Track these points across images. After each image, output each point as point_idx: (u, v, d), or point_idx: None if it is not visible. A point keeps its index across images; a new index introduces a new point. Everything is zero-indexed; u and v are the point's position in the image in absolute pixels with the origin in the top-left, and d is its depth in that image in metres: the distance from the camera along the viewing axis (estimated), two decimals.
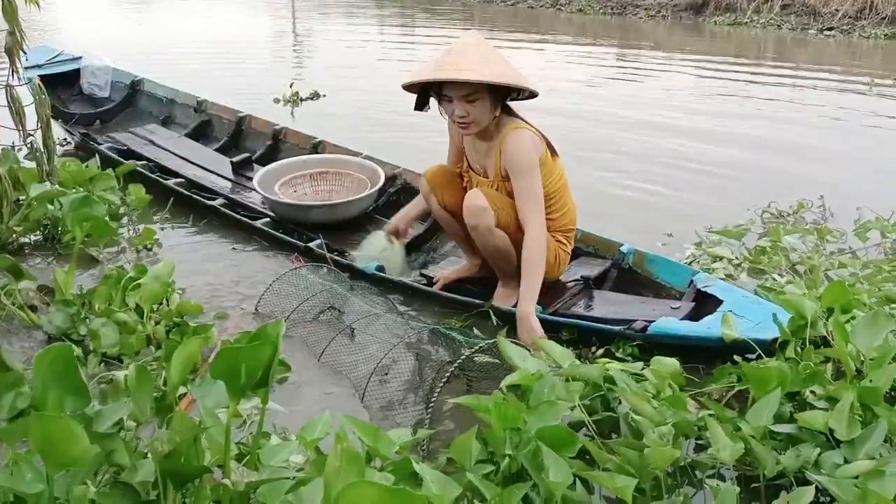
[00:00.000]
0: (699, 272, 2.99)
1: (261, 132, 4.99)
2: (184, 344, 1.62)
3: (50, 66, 5.82)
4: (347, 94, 7.29)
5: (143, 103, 5.83)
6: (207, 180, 4.48)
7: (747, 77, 8.26)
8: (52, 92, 5.50)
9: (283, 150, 4.78)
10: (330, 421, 1.86)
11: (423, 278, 3.31)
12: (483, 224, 2.83)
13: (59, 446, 1.41)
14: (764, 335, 2.40)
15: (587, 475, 1.78)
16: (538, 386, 2.04)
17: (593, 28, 13.14)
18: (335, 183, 4.19)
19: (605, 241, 3.29)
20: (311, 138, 4.68)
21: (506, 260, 2.94)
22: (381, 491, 1.24)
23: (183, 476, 1.55)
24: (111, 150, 4.66)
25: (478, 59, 2.68)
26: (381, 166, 4.09)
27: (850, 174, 4.95)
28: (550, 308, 2.92)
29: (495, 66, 2.69)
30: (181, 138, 5.16)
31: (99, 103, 5.83)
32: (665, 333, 2.57)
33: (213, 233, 3.91)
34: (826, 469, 1.81)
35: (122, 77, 5.92)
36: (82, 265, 3.41)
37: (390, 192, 4.11)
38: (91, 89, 5.87)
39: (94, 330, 2.58)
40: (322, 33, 12.60)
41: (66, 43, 7.27)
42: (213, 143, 5.15)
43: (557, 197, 2.95)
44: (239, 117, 5.15)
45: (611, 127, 5.97)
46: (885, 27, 11.23)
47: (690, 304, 2.83)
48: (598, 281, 3.14)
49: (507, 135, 2.82)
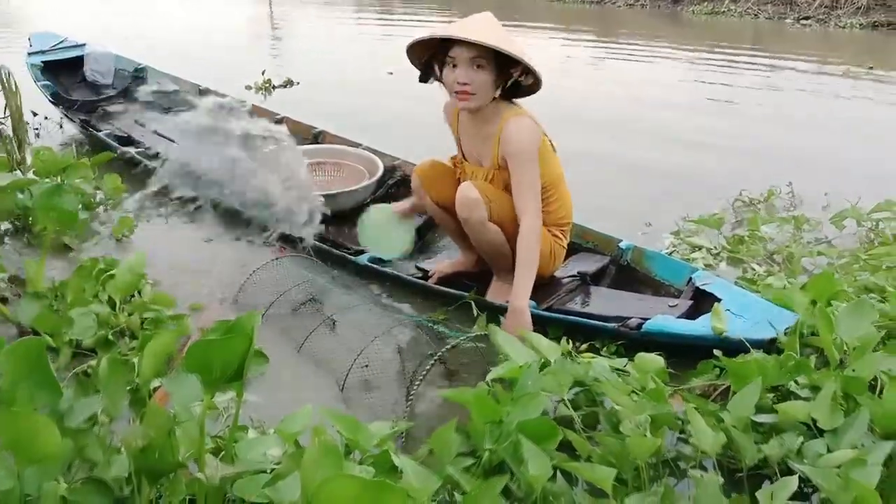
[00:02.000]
0: (698, 270, 2.93)
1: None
2: (156, 336, 1.59)
3: (54, 52, 5.84)
4: (322, 83, 7.20)
5: (145, 91, 5.75)
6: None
7: (723, 66, 8.32)
8: (56, 78, 5.57)
9: None
10: (309, 414, 1.83)
11: (418, 271, 3.27)
12: (475, 217, 2.77)
13: (29, 442, 1.37)
14: (762, 335, 2.36)
15: (567, 467, 1.77)
16: (524, 378, 2.02)
17: (571, 17, 13.15)
18: (333, 173, 4.16)
19: (604, 237, 3.24)
20: (312, 128, 4.65)
21: (500, 254, 2.89)
22: (359, 485, 1.21)
23: (157, 471, 1.52)
24: (110, 137, 4.65)
25: (489, 28, 2.63)
26: (380, 158, 4.05)
27: (818, 161, 5.01)
28: (545, 304, 2.86)
29: (505, 40, 2.61)
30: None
31: (101, 90, 5.81)
32: (660, 331, 2.52)
33: (196, 222, 3.84)
34: (809, 458, 1.81)
35: (126, 65, 5.91)
36: (57, 255, 3.35)
37: (389, 183, 4.06)
38: (94, 76, 5.85)
39: (66, 322, 2.52)
40: (300, 19, 12.52)
41: (34, 30, 7.13)
42: None
43: (553, 189, 2.88)
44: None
45: (582, 116, 5.96)
46: (860, 17, 11.34)
47: (688, 302, 2.78)
48: (595, 277, 3.09)
49: (506, 121, 2.74)
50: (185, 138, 2.65)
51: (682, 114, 6.22)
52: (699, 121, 5.99)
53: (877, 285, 2.79)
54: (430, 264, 3.31)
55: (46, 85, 5.40)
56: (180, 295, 2.99)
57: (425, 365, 2.37)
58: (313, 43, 9.85)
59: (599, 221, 3.35)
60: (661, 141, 5.43)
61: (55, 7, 13.14)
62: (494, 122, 2.79)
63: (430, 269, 3.23)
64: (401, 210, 3.26)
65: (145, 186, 3.99)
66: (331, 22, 12.07)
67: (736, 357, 2.22)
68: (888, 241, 3.41)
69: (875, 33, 10.78)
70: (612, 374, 2.14)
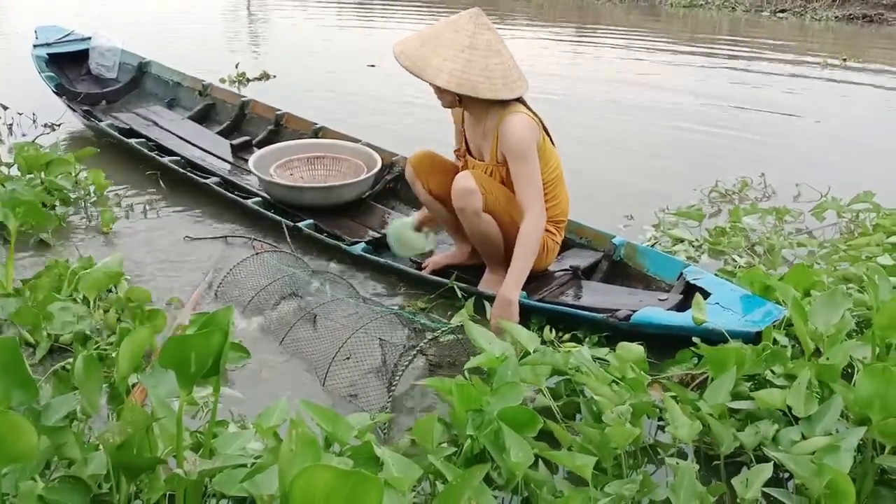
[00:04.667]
0: (690, 265, 2.96)
1: (263, 116, 4.99)
2: (132, 333, 1.58)
3: (59, 44, 5.86)
4: (298, 76, 7.12)
5: (149, 85, 5.82)
6: (206, 161, 4.48)
7: (699, 59, 8.37)
8: (61, 71, 5.62)
9: (284, 134, 4.76)
10: (287, 407, 1.83)
11: (412, 263, 3.29)
12: (470, 207, 2.79)
13: (5, 441, 1.36)
14: (749, 328, 2.38)
15: (548, 455, 1.78)
16: (502, 368, 2.03)
17: (550, 10, 13.16)
18: (332, 168, 4.17)
19: (598, 233, 3.26)
20: (312, 124, 4.65)
21: (493, 245, 2.91)
22: (335, 474, 1.21)
23: (135, 468, 1.51)
24: (112, 128, 4.69)
25: (451, 54, 2.69)
26: (379, 153, 4.06)
27: (791, 151, 5.06)
28: (536, 296, 2.88)
29: (469, 63, 2.68)
30: (184, 120, 5.18)
31: (106, 83, 5.82)
32: (648, 322, 2.54)
33: (177, 218, 3.84)
34: (784, 445, 1.83)
35: (130, 58, 5.92)
36: (35, 252, 3.35)
37: (387, 178, 4.06)
38: (99, 70, 5.86)
39: (41, 319, 2.51)
40: (277, 10, 12.39)
41: (10, 15, 7.06)
42: (215, 126, 5.16)
43: (552, 186, 2.90)
44: (242, 101, 5.15)
45: (558, 106, 5.94)
46: (835, 9, 11.44)
47: (678, 296, 2.80)
48: (588, 272, 3.12)
49: (504, 118, 2.76)
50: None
51: (656, 107, 6.24)
52: (672, 114, 6.02)
53: (855, 275, 2.82)
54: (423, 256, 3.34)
55: (50, 76, 5.42)
56: (158, 289, 2.99)
57: (406, 357, 2.37)
58: (291, 35, 9.76)
59: (578, 213, 3.36)
60: (633, 135, 5.45)
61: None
62: (494, 117, 2.82)
63: (423, 260, 3.26)
64: (419, 219, 3.29)
65: (140, 178, 4.02)
66: (310, 12, 11.98)
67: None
68: (867, 232, 3.45)
69: (849, 26, 10.88)
70: (592, 363, 2.15)
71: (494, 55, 2.72)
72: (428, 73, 2.70)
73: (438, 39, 2.72)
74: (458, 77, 2.67)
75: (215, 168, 4.36)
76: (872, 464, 1.80)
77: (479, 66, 2.68)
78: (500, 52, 2.74)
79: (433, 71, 2.69)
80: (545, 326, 2.69)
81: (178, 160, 4.31)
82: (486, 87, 2.69)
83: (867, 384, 1.75)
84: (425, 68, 2.70)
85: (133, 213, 3.85)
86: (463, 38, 2.70)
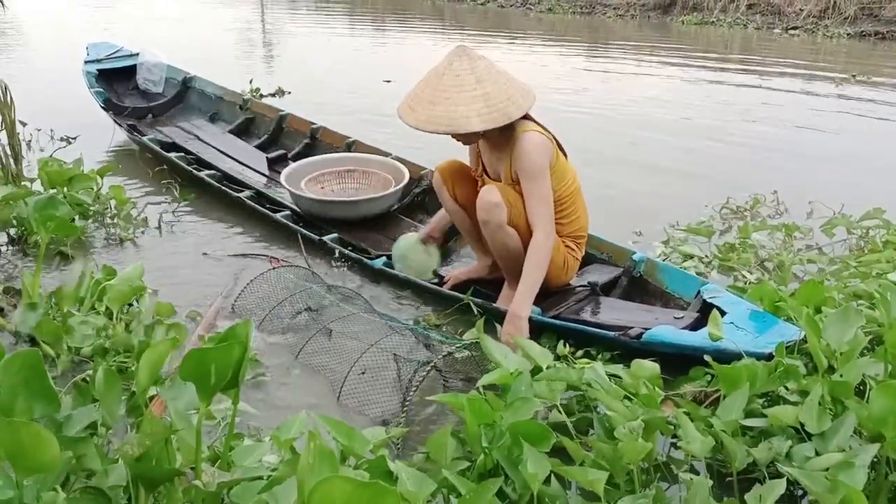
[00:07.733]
0: (708, 283, 2.94)
1: (299, 130, 5.07)
2: (152, 346, 1.60)
3: (109, 60, 6.06)
4: (313, 93, 7.16)
5: (193, 99, 5.95)
6: (243, 174, 4.57)
7: (711, 74, 8.37)
8: (110, 86, 5.81)
9: (318, 147, 4.84)
10: (305, 421, 1.85)
11: (434, 276, 3.32)
12: (495, 220, 2.81)
13: (28, 452, 1.38)
14: (762, 349, 2.36)
15: (561, 470, 1.79)
16: (516, 384, 2.04)
17: (562, 27, 13.21)
18: (362, 181, 4.22)
19: (619, 249, 3.27)
20: (345, 137, 4.72)
21: (515, 259, 2.90)
22: (354, 486, 1.23)
23: (154, 479, 1.53)
24: (154, 142, 4.86)
25: (467, 98, 2.69)
26: (408, 167, 4.10)
27: (803, 168, 5.06)
28: (553, 311, 2.89)
29: (488, 96, 2.69)
30: (225, 134, 5.30)
31: (152, 98, 5.97)
32: (660, 341, 2.54)
33: (195, 233, 3.90)
34: (797, 462, 1.83)
35: (175, 73, 6.06)
36: (57, 264, 3.41)
37: (415, 192, 4.11)
38: (146, 85, 6.02)
39: (65, 330, 2.54)
40: (291, 25, 12.50)
41: (21, 40, 7.16)
42: (254, 139, 5.27)
43: (569, 202, 2.93)
44: (280, 115, 5.24)
45: (568, 122, 5.95)
46: (847, 27, 11.44)
47: (695, 314, 2.79)
48: (607, 288, 3.11)
49: (518, 138, 2.79)
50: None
51: (669, 123, 6.26)
52: (685, 129, 6.04)
53: (866, 292, 2.82)
54: (446, 270, 3.37)
55: (99, 92, 5.55)
56: (177, 304, 3.02)
57: (420, 372, 2.39)
58: (305, 51, 9.83)
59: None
60: (646, 150, 5.46)
61: (48, 8, 13.11)
62: (507, 140, 2.84)
63: (445, 275, 3.29)
64: (423, 235, 3.33)
65: (179, 191, 4.12)
66: (323, 29, 12.08)
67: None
68: (878, 249, 3.44)
69: (862, 43, 10.87)
70: (605, 379, 2.16)
71: (500, 76, 2.76)
72: (462, 126, 2.69)
73: (446, 92, 2.72)
74: (489, 114, 2.69)
75: (251, 181, 4.45)
76: (886, 481, 1.80)
77: (497, 94, 2.71)
78: (502, 73, 2.77)
79: (464, 122, 2.68)
80: (559, 342, 2.70)
81: (214, 174, 4.40)
82: (513, 108, 2.72)
83: (881, 401, 1.75)
84: (454, 124, 2.69)
85: (150, 227, 3.91)
86: (467, 78, 2.72)
